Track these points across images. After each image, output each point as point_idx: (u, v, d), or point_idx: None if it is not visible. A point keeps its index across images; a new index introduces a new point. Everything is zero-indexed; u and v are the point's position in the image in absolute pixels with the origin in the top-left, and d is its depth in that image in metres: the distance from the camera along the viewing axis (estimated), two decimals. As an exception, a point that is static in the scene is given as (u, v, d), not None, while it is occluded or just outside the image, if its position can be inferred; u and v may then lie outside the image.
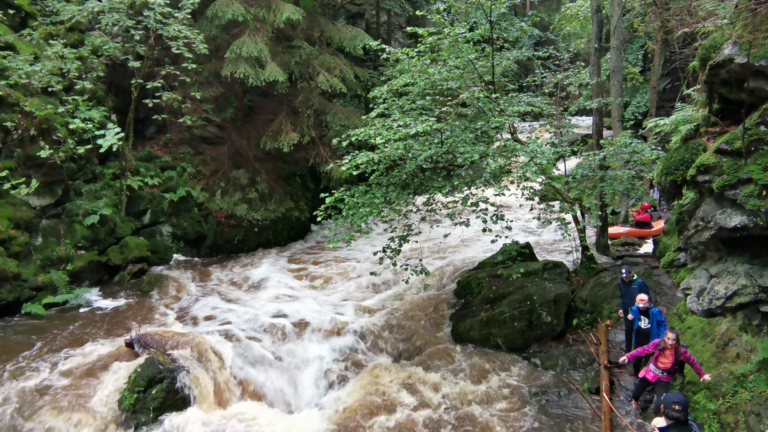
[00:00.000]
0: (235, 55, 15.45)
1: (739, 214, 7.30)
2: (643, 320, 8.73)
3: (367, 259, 16.11)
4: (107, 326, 11.56)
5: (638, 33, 25.05)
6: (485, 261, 13.67)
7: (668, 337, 7.47)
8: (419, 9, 14.30)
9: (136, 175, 16.10)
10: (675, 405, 5.53)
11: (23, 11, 15.29)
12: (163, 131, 18.54)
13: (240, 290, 14.20)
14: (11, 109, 12.97)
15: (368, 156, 10.51)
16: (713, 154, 7.81)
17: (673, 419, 5.55)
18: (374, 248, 12.94)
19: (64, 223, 13.77)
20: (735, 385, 7.38)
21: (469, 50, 11.05)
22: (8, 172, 12.55)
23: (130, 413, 8.73)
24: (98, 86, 15.72)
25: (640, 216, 16.34)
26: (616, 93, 15.39)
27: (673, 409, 5.52)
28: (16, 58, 13.45)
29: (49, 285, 12.72)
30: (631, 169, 11.82)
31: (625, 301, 9.70)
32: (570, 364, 10.28)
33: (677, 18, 11.82)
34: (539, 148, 10.30)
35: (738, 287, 7.55)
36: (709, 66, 8.01)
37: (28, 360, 9.87)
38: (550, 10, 37.56)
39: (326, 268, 15.82)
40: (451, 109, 11.12)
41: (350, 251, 17.10)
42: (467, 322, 11.55)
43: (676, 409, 5.51)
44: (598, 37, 14.55)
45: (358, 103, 23.20)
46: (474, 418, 8.94)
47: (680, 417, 5.52)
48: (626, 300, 9.65)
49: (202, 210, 17.25)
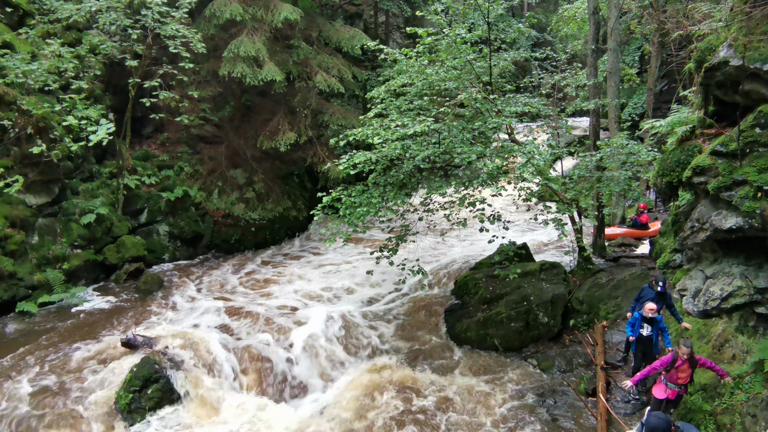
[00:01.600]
0: (233, 55, 15.44)
1: (735, 216, 7.33)
2: (646, 328, 8.45)
3: (364, 258, 16.13)
4: (103, 325, 11.55)
5: (635, 35, 25.11)
6: (482, 261, 13.69)
7: (683, 351, 7.03)
8: (417, 10, 14.30)
9: (133, 174, 16.07)
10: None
11: (21, 9, 15.25)
12: (161, 130, 18.52)
13: (236, 289, 14.17)
14: (8, 107, 12.92)
15: (366, 156, 10.52)
16: (709, 156, 7.84)
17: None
18: (371, 248, 12.95)
19: (61, 222, 13.74)
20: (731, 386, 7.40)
21: (467, 51, 11.07)
22: (4, 171, 12.51)
23: (126, 413, 8.72)
24: (95, 85, 15.68)
25: (642, 217, 16.40)
26: (613, 94, 15.44)
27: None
28: (14, 56, 13.41)
29: (44, 284, 12.69)
30: (628, 170, 11.86)
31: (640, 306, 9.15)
32: (567, 365, 10.30)
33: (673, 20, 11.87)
34: (536, 148, 10.32)
35: (733, 288, 7.58)
36: (705, 68, 8.04)
37: (21, 359, 9.85)
38: (548, 12, 37.64)
39: (323, 267, 15.82)
40: (448, 110, 11.14)
41: (347, 251, 17.11)
42: (464, 322, 11.57)
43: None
44: (595, 38, 14.59)
45: (356, 103, 23.21)
46: (469, 419, 8.95)
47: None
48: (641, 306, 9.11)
49: (199, 209, 17.23)
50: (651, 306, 8.36)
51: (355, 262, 16.17)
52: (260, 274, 15.42)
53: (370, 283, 14.12)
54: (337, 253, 17.19)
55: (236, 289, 14.23)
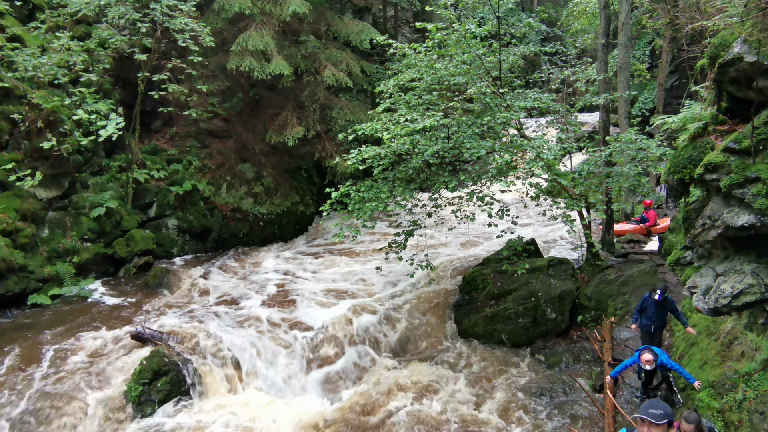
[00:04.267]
0: (241, 49, 15.43)
1: (747, 213, 7.27)
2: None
3: (372, 253, 16.15)
4: (113, 318, 11.63)
5: (646, 29, 24.87)
6: (490, 257, 13.67)
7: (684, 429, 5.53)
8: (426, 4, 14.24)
9: (143, 168, 16.15)
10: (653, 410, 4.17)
11: (31, 3, 15.32)
12: (170, 124, 18.57)
13: (245, 283, 14.24)
14: (18, 101, 13.02)
15: (375, 151, 10.51)
16: (721, 153, 7.77)
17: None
18: (379, 243, 12.95)
19: (71, 216, 13.84)
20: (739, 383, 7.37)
21: (476, 46, 11.01)
22: (15, 164, 12.60)
23: (136, 404, 8.81)
24: (105, 79, 15.74)
25: (649, 213, 16.30)
26: (624, 89, 15.31)
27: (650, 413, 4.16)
28: (24, 50, 13.48)
29: (55, 277, 12.80)
30: (638, 166, 11.77)
31: (644, 316, 9.03)
32: (574, 361, 10.29)
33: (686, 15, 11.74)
34: (546, 143, 10.27)
35: (744, 286, 7.52)
36: (718, 64, 7.95)
37: (32, 350, 9.95)
38: (558, 6, 37.35)
39: (330, 262, 15.85)
40: (457, 104, 11.10)
41: (355, 245, 17.12)
42: (472, 317, 11.57)
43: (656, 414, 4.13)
44: (605, 33, 14.46)
45: (364, 97, 23.15)
46: (477, 414, 8.97)
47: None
48: (645, 315, 9.01)
49: (207, 204, 17.29)
50: (647, 357, 7.97)
51: (365, 256, 16.18)
52: (270, 268, 15.46)
53: (378, 278, 14.14)
54: (346, 247, 17.21)
55: (245, 283, 14.29)
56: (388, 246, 11.67)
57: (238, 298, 12.95)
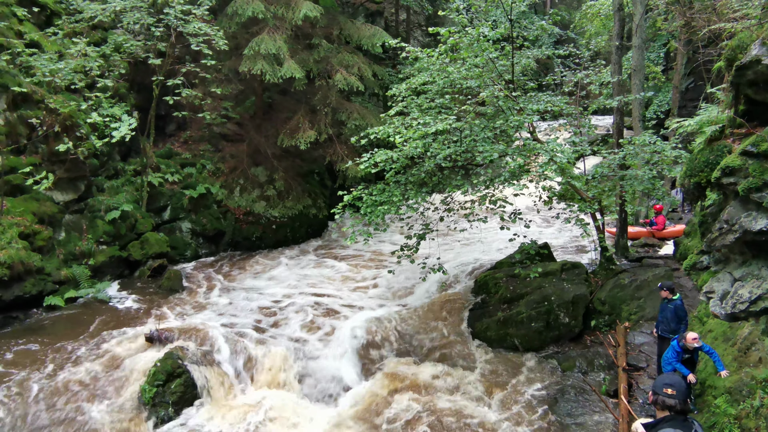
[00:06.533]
0: (254, 53, 15.55)
1: (765, 218, 7.17)
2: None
3: (384, 256, 16.14)
4: (127, 320, 11.74)
5: (661, 32, 24.68)
6: (503, 261, 13.60)
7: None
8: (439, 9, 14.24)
9: (157, 171, 16.31)
10: (667, 388, 4.19)
11: (48, 9, 15.56)
12: (184, 128, 18.76)
13: (258, 285, 14.30)
14: (36, 106, 13.21)
15: (387, 154, 10.52)
16: (739, 156, 7.68)
17: (667, 408, 4.18)
18: (392, 246, 12.95)
19: (87, 219, 14.01)
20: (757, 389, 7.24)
21: (489, 49, 10.98)
22: (32, 168, 12.78)
23: (150, 406, 8.86)
24: (120, 84, 15.94)
25: (658, 218, 16.15)
26: (638, 92, 15.19)
27: (666, 393, 4.19)
28: (41, 56, 13.70)
29: (71, 279, 12.95)
30: (653, 169, 11.65)
31: (660, 317, 8.86)
32: (588, 366, 10.19)
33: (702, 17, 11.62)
34: (559, 147, 10.21)
35: (763, 291, 7.41)
36: (736, 67, 7.87)
37: (47, 351, 10.06)
38: (571, 8, 37.16)
39: (344, 265, 15.87)
40: (470, 108, 11.07)
41: (368, 249, 17.13)
42: (484, 321, 11.51)
43: (669, 393, 4.17)
44: (619, 35, 14.36)
45: (376, 101, 23.20)
46: (488, 418, 8.91)
47: (675, 405, 4.14)
48: (660, 317, 8.84)
49: (221, 207, 17.42)
50: (693, 335, 7.57)
51: (377, 259, 16.17)
52: (282, 271, 15.52)
53: (391, 281, 14.13)
54: (358, 251, 17.22)
55: (258, 286, 14.35)
56: (401, 249, 11.65)
57: (251, 300, 13.00)
